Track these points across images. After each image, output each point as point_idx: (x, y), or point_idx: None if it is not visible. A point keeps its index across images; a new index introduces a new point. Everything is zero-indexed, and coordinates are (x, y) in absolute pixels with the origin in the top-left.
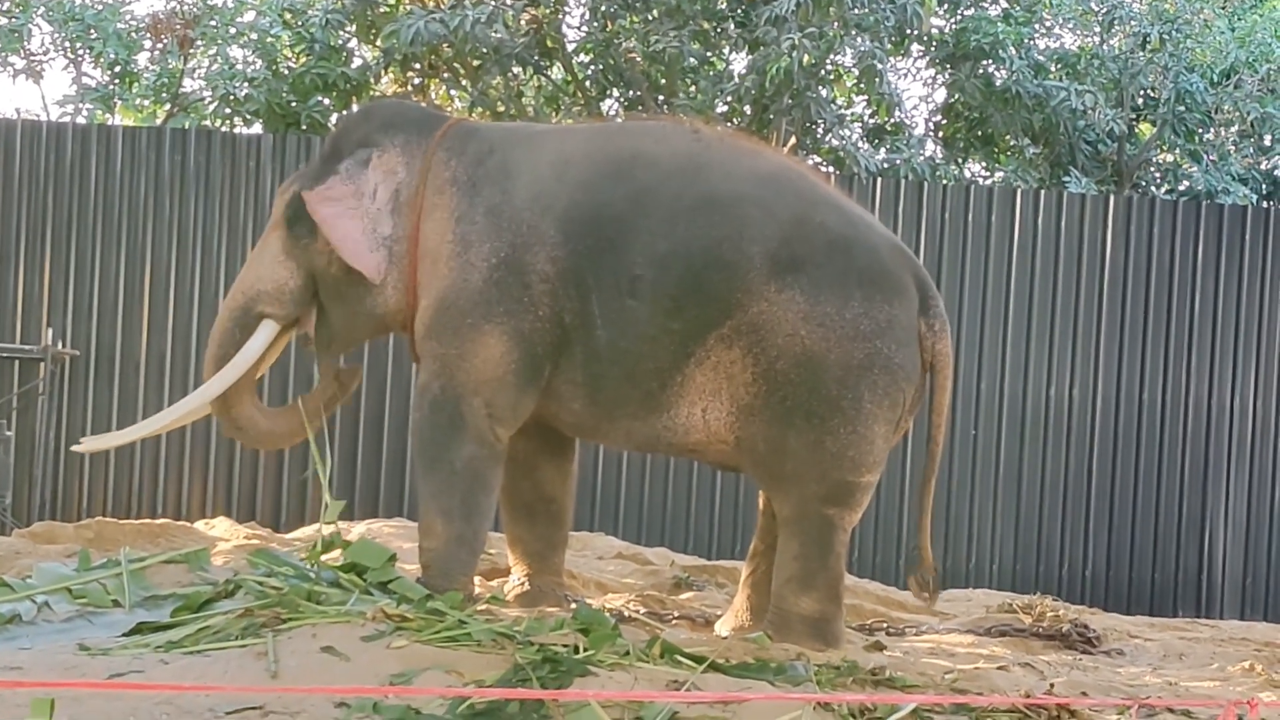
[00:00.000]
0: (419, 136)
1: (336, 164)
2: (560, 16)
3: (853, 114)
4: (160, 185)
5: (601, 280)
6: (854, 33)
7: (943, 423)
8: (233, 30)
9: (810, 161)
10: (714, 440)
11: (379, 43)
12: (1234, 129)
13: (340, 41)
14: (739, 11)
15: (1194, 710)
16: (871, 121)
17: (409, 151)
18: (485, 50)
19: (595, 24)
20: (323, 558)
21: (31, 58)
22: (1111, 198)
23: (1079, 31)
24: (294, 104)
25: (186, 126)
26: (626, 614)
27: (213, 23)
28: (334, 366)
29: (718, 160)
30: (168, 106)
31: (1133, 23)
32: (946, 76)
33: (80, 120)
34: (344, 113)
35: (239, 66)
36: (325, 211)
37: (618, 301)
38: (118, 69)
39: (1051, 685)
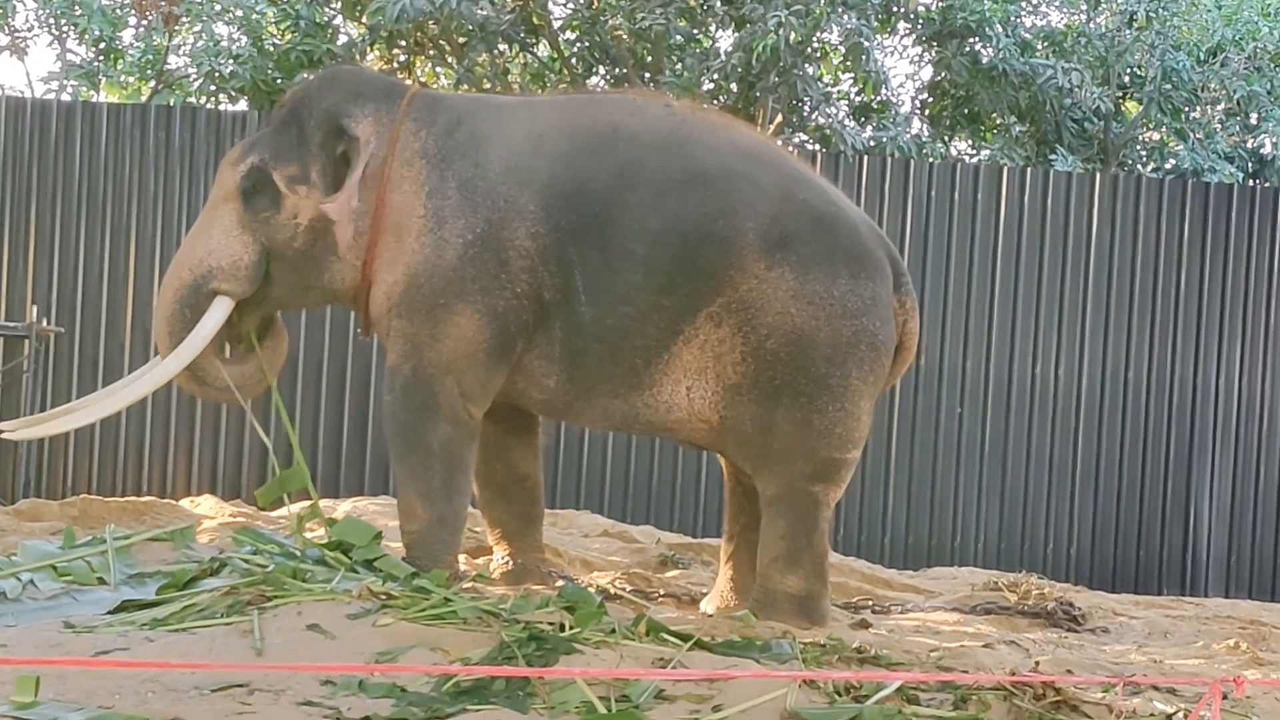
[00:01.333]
0: (387, 106)
1: (296, 133)
2: None
3: (839, 92)
4: (145, 162)
5: (587, 256)
6: (840, 10)
7: (886, 390)
8: (217, 7)
9: (796, 139)
10: (694, 419)
11: (364, 19)
12: (1220, 107)
13: (325, 18)
14: None
15: (1179, 688)
16: (858, 99)
17: (379, 122)
18: (471, 27)
19: (581, 1)
20: (305, 530)
21: (16, 34)
22: (1097, 176)
23: (1065, 9)
24: (279, 81)
25: (171, 103)
26: (612, 592)
27: None
28: (247, 331)
29: (697, 135)
30: (152, 83)
31: (1119, 1)
32: (933, 54)
33: (65, 97)
34: (301, 79)
35: (224, 43)
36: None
37: (605, 277)
38: (102, 46)
39: (1037, 663)
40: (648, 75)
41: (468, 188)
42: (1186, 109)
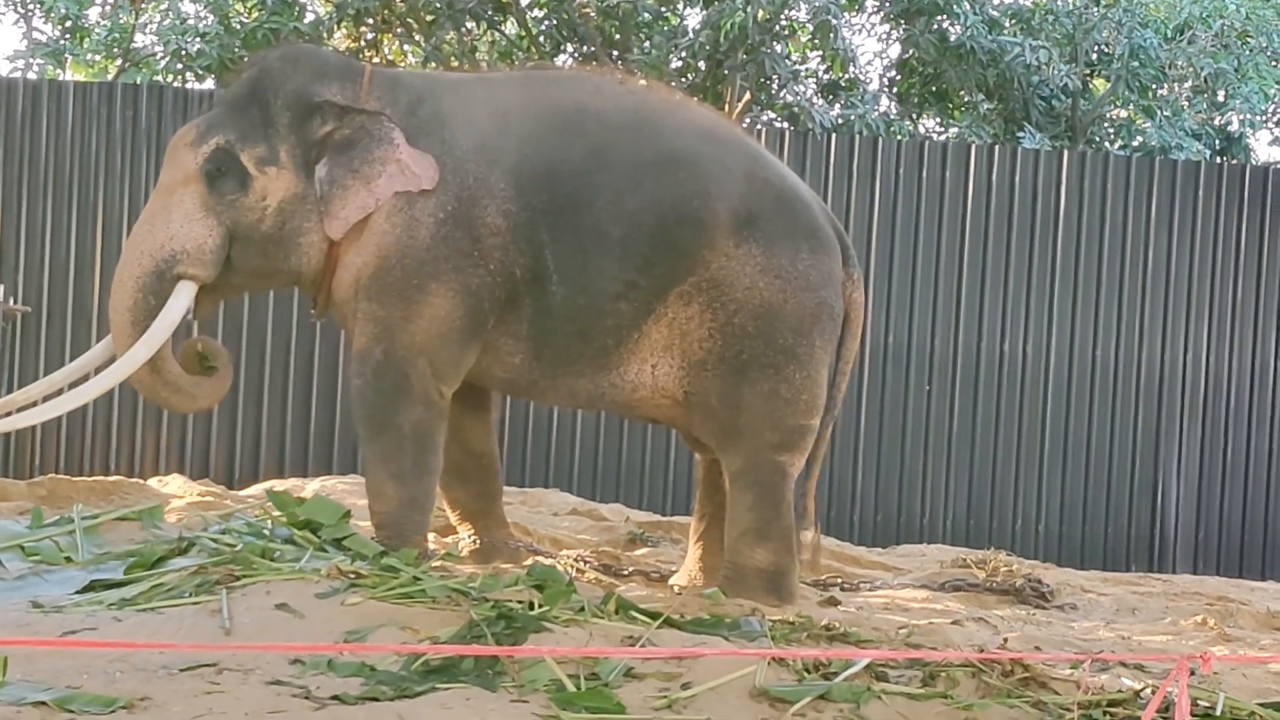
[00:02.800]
0: (350, 85)
1: (259, 113)
2: None
3: (807, 69)
4: (112, 141)
5: (559, 236)
6: None
7: (849, 369)
8: None
9: (765, 117)
10: (658, 395)
11: None
12: (1187, 85)
13: None
14: None
15: (1147, 664)
16: (826, 77)
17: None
18: (439, 5)
19: None
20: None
21: None
22: (1065, 153)
23: None
24: (246, 59)
25: (138, 82)
26: (581, 570)
27: None
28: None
29: (660, 115)
30: (119, 62)
31: None
32: (901, 32)
33: (31, 76)
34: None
35: (191, 21)
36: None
37: (579, 258)
38: (69, 24)
39: (1005, 640)
40: (616, 53)
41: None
42: (1154, 86)
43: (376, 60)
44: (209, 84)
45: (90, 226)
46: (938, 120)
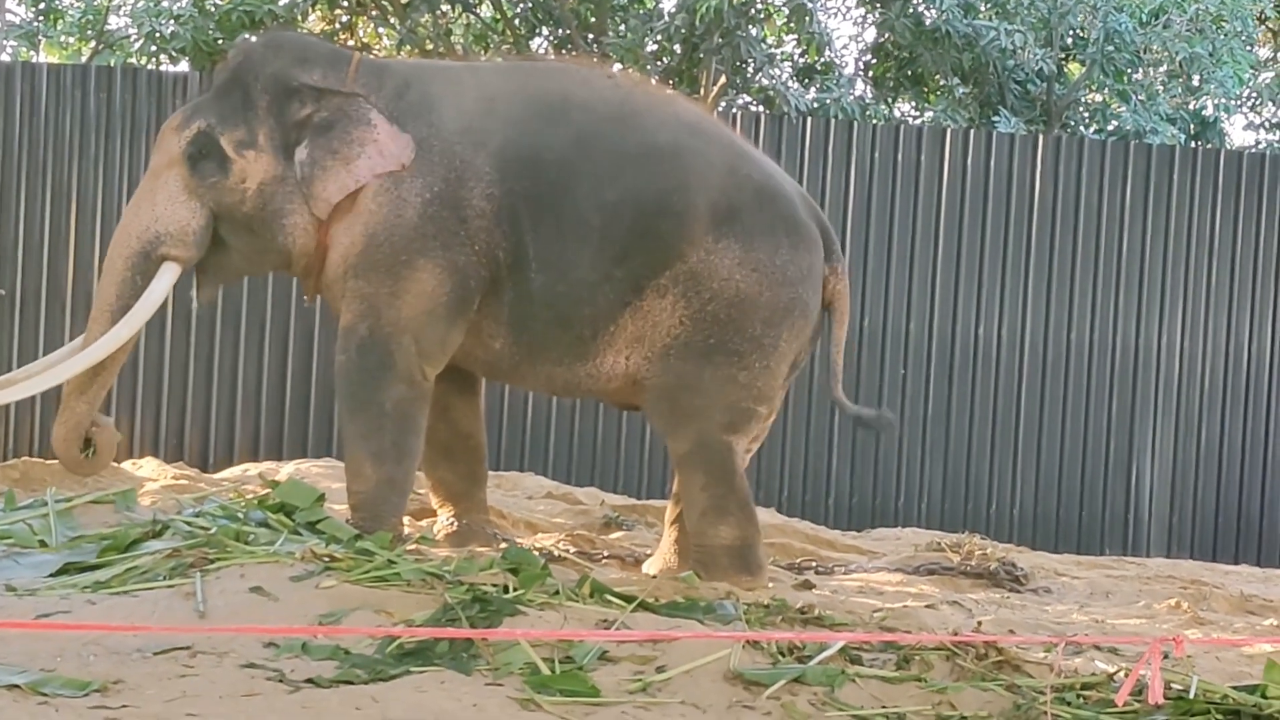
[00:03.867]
0: (334, 71)
1: (240, 98)
2: None
3: (783, 53)
4: (86, 124)
5: (540, 223)
6: None
7: (841, 354)
8: None
9: (740, 101)
10: (630, 384)
11: None
12: (1162, 69)
13: None
14: None
15: (1120, 647)
16: (801, 61)
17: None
18: None
19: None
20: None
21: None
22: (1040, 137)
23: None
24: (220, 41)
25: (112, 64)
26: (556, 553)
27: None
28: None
29: (645, 108)
30: (93, 44)
31: None
32: (876, 15)
33: (4, 58)
34: (237, 43)
35: (165, 3)
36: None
37: (558, 245)
38: (42, 6)
39: (979, 623)
40: (591, 36)
41: (423, 147)
42: (1129, 71)
43: (351, 43)
44: (183, 66)
45: (64, 210)
46: (913, 104)
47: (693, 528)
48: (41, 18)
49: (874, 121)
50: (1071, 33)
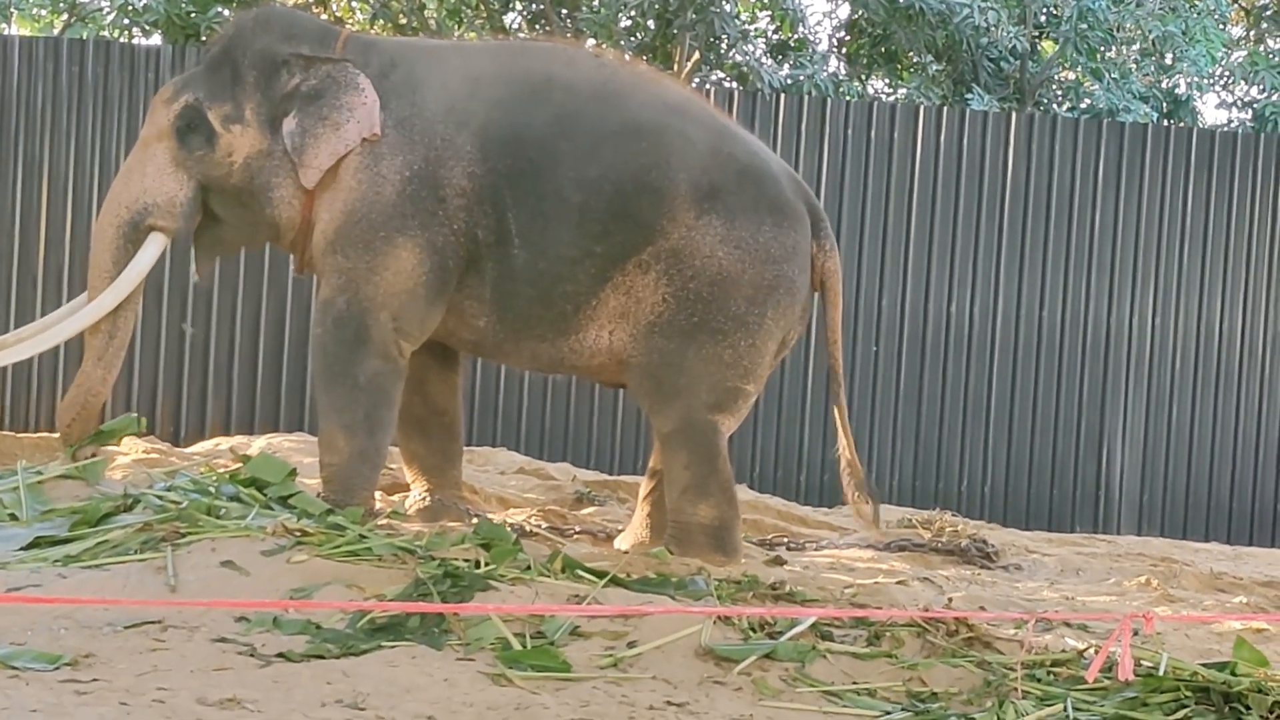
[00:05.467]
0: (322, 49)
1: (229, 72)
2: None
3: (756, 30)
4: (58, 97)
5: (522, 201)
6: None
7: (838, 336)
8: None
9: (714, 77)
10: (614, 361)
11: None
12: (1135, 47)
13: None
14: None
15: (1090, 624)
16: (775, 37)
17: None
18: None
19: None
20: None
21: None
22: (1013, 115)
23: None
24: (193, 15)
25: (84, 37)
26: (528, 529)
27: None
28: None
29: (629, 88)
30: (65, 16)
31: None
32: None
33: None
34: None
35: None
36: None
37: (539, 223)
38: None
39: (950, 600)
40: (565, 12)
41: (404, 126)
42: (1102, 49)
43: (324, 17)
44: (156, 40)
45: (35, 183)
46: (886, 81)
47: (672, 504)
48: None
49: (847, 98)
50: (1045, 10)
